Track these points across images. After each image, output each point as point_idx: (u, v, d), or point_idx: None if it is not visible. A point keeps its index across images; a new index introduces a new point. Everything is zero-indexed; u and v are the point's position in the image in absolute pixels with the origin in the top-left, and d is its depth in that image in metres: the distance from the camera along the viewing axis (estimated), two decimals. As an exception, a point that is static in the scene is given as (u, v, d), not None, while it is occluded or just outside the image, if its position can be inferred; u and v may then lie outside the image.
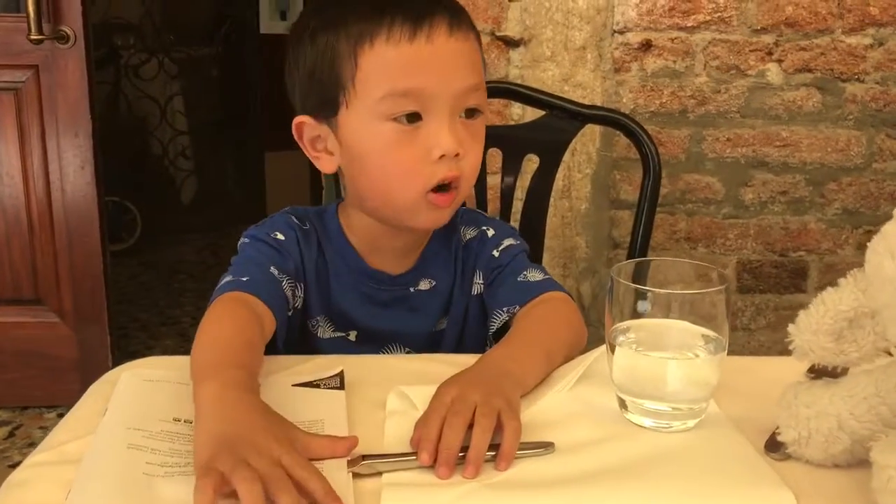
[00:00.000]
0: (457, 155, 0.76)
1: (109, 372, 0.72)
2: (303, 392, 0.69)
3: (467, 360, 0.72)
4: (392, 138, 0.76)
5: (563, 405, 0.68)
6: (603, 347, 0.72)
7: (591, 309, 1.75)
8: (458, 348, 0.89)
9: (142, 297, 3.01)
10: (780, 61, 1.67)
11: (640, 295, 0.64)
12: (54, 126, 2.00)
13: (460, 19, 0.77)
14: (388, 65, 0.74)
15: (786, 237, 1.74)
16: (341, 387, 0.70)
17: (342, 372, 0.71)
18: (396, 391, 0.68)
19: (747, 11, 1.65)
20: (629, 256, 1.16)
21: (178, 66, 3.56)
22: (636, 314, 0.65)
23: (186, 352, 0.68)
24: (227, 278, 0.77)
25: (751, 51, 1.67)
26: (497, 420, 0.59)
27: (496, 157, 1.18)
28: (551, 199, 1.21)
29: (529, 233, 1.16)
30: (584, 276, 1.74)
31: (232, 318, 0.72)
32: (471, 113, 0.78)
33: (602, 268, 1.74)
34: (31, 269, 2.08)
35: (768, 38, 1.66)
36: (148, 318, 2.83)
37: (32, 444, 2.06)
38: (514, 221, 1.20)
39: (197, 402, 0.59)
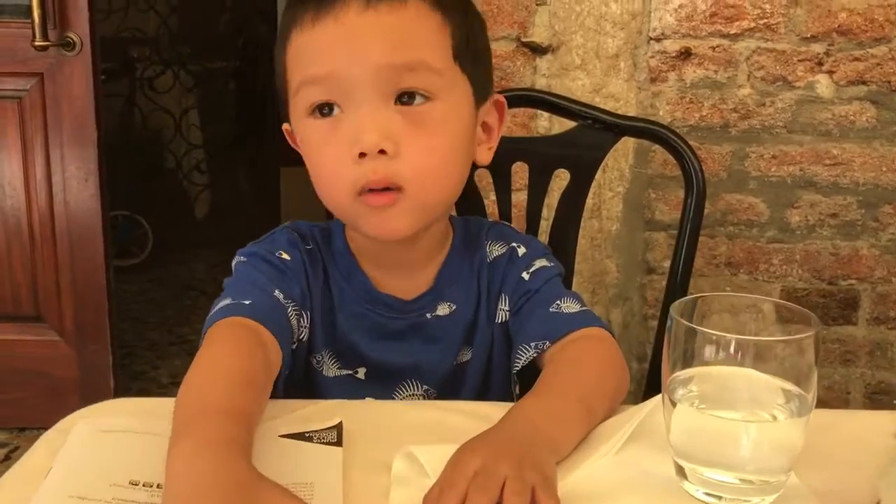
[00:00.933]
0: (382, 151, 0.63)
1: (65, 419, 0.61)
2: (292, 446, 0.58)
3: (489, 410, 0.61)
4: (315, 137, 0.67)
5: (608, 473, 0.56)
6: (657, 399, 0.60)
7: (622, 339, 1.62)
8: (485, 384, 0.78)
9: (151, 315, 2.97)
10: (831, 72, 1.56)
11: (707, 339, 0.52)
12: (58, 136, 1.96)
13: None
14: (298, 54, 0.67)
15: (835, 264, 1.62)
16: (338, 442, 0.58)
17: (340, 424, 0.59)
18: (405, 452, 0.56)
19: (796, 18, 1.54)
20: (668, 284, 1.05)
21: (193, 78, 3.55)
22: (701, 360, 0.53)
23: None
24: (225, 301, 0.66)
25: (799, 61, 1.56)
26: (531, 496, 0.48)
27: (522, 171, 1.08)
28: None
29: (557, 256, 1.09)
30: (614, 303, 1.62)
31: (231, 348, 0.60)
32: (409, 97, 0.65)
33: (634, 294, 1.62)
34: (32, 285, 2.02)
35: (818, 48, 1.55)
36: (157, 336, 2.78)
37: (28, 469, 1.98)
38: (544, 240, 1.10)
39: (167, 467, 0.48)
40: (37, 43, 1.80)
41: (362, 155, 0.64)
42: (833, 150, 1.59)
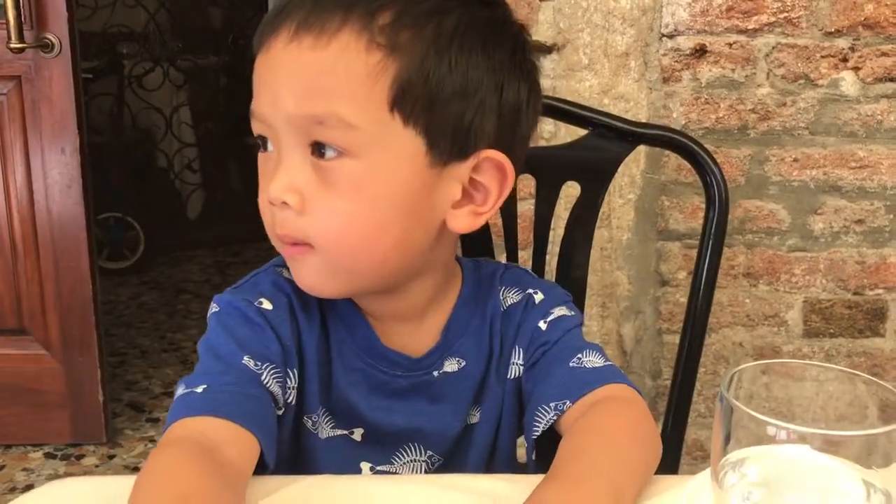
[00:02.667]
0: (284, 203, 0.57)
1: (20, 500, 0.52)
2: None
3: (495, 486, 0.54)
4: (259, 167, 0.62)
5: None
6: (700, 477, 0.52)
7: (634, 355, 1.54)
8: (494, 448, 0.69)
9: (142, 320, 2.91)
10: (856, 69, 1.47)
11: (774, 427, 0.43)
12: (38, 142, 1.90)
13: (328, 15, 0.55)
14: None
15: (861, 273, 1.54)
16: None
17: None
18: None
19: (819, 11, 1.45)
20: (690, 299, 0.98)
21: (184, 75, 3.48)
22: (758, 439, 0.44)
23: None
24: (181, 389, 0.57)
25: (822, 57, 1.47)
26: None
27: (528, 183, 1.00)
28: (588, 229, 1.03)
29: (568, 270, 1.02)
30: (625, 317, 1.53)
31: (176, 493, 0.48)
32: (321, 149, 0.56)
33: (647, 307, 1.54)
34: (15, 297, 1.97)
35: (843, 43, 1.46)
36: (148, 343, 2.73)
37: (14, 489, 1.93)
38: (553, 255, 1.02)
39: None
40: (12, 45, 1.74)
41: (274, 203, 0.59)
42: (859, 152, 1.50)
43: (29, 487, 1.90)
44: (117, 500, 0.48)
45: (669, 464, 0.99)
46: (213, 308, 0.64)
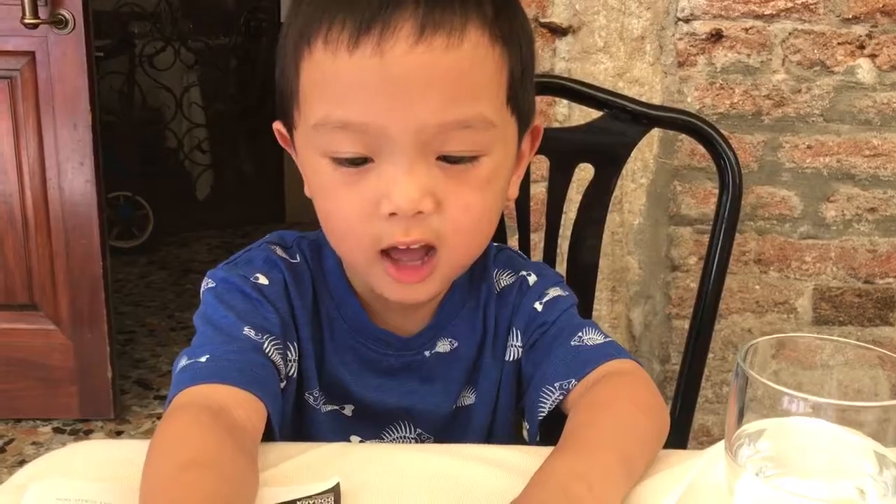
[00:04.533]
0: (419, 212, 0.53)
1: (22, 470, 0.53)
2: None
3: (505, 456, 0.53)
4: (332, 180, 0.55)
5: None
6: (713, 450, 0.52)
7: (643, 339, 1.54)
8: (489, 432, 0.69)
9: (151, 299, 2.93)
10: (873, 56, 1.45)
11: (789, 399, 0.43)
12: (51, 118, 1.89)
13: (450, 11, 0.52)
14: (323, 80, 0.53)
15: (873, 261, 1.53)
16: (337, 505, 0.49)
17: (338, 485, 0.51)
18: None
19: (836, -3, 1.43)
20: (700, 284, 0.97)
21: (195, 55, 3.46)
22: (774, 411, 0.44)
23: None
24: (183, 361, 0.57)
25: (839, 44, 1.45)
26: None
27: (541, 164, 1.01)
28: (599, 213, 1.03)
29: (579, 254, 1.02)
30: (635, 302, 1.53)
31: (188, 458, 0.47)
32: (453, 160, 0.54)
33: (657, 292, 1.53)
34: (26, 273, 1.98)
35: (860, 29, 1.44)
36: (157, 321, 2.74)
37: (23, 462, 1.95)
38: (564, 238, 1.03)
39: None
40: (27, 20, 1.74)
41: (393, 214, 0.54)
42: (873, 141, 1.49)
43: (38, 461, 1.92)
44: (133, 462, 0.48)
45: (677, 448, 0.99)
46: (209, 283, 0.63)
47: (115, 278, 2.58)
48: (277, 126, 0.63)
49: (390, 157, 0.53)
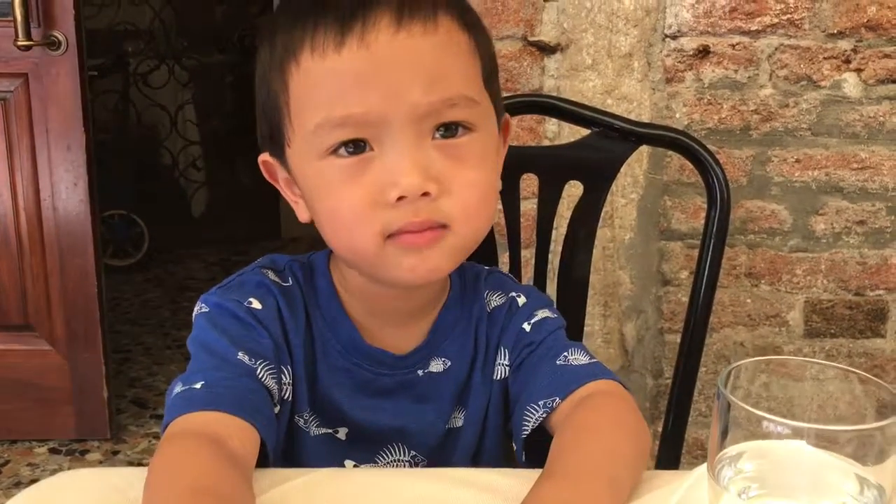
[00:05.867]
0: (426, 193, 0.56)
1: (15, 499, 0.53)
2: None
3: (493, 479, 0.53)
4: (337, 177, 0.57)
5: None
6: (697, 472, 0.52)
7: (635, 354, 1.55)
8: (478, 452, 0.69)
9: (147, 317, 2.92)
10: (859, 70, 1.47)
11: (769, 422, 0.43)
12: (45, 140, 1.91)
13: (422, 1, 0.57)
14: (316, 85, 0.56)
15: (863, 273, 1.54)
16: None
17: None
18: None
19: (821, 13, 1.45)
20: (691, 299, 0.98)
21: (189, 73, 3.47)
22: (754, 434, 0.45)
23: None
24: (178, 387, 0.57)
25: (825, 58, 1.47)
26: None
27: (531, 183, 1.01)
28: (590, 228, 1.04)
29: (570, 270, 1.02)
30: (627, 316, 1.54)
31: (188, 486, 0.48)
32: (452, 129, 0.57)
33: (649, 307, 1.54)
34: (21, 293, 1.98)
35: (846, 44, 1.46)
36: (152, 340, 2.74)
37: (19, 484, 1.94)
38: (555, 254, 1.03)
39: None
40: (20, 42, 1.75)
41: (401, 198, 0.56)
42: (861, 154, 1.50)
43: (33, 482, 1.91)
44: (125, 492, 0.48)
45: (670, 462, 0.99)
46: (202, 308, 0.63)
47: (110, 297, 2.58)
48: (263, 157, 0.64)
49: (391, 144, 0.56)
